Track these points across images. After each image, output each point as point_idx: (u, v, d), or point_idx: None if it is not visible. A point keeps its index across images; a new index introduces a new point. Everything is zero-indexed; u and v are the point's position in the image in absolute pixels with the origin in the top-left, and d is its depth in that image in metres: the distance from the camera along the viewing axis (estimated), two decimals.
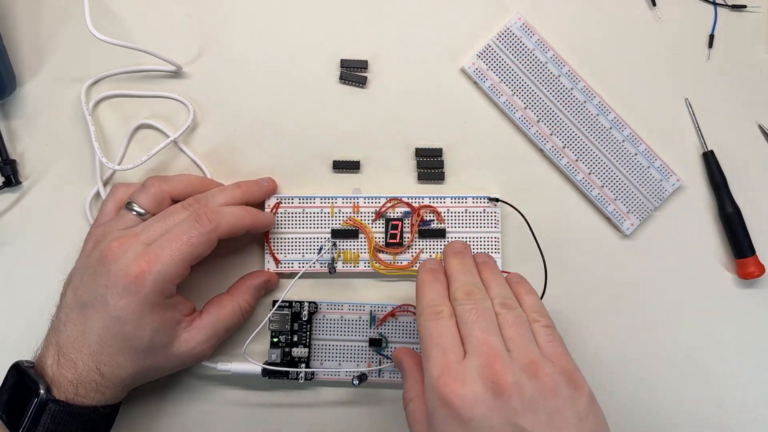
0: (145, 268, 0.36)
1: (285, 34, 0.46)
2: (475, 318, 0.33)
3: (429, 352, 0.33)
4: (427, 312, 0.35)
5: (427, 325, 0.34)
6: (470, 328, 0.33)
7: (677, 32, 0.46)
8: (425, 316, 0.34)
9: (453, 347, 0.33)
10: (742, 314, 0.46)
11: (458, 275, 0.37)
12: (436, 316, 0.34)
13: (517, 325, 0.34)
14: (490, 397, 0.30)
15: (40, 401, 0.36)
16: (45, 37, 0.46)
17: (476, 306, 0.34)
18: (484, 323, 0.33)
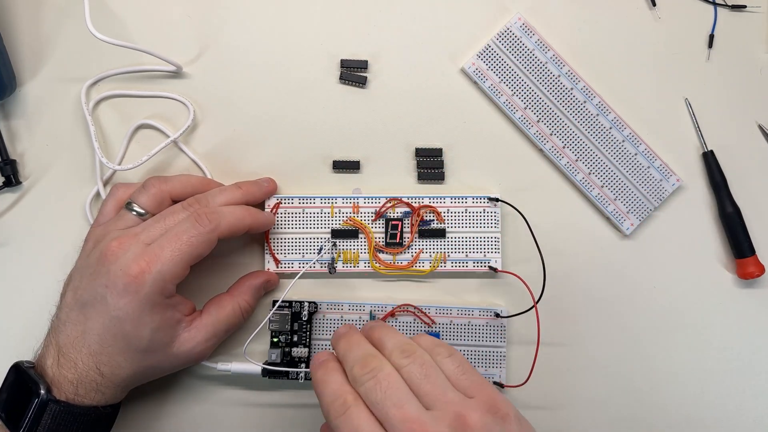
0: (144, 268, 0.36)
1: (285, 34, 0.46)
2: (383, 394, 0.31)
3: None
4: (332, 408, 0.32)
5: (339, 425, 0.31)
6: (383, 408, 0.31)
7: (677, 32, 0.46)
8: (332, 413, 0.32)
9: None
10: (742, 314, 0.46)
11: (348, 354, 0.35)
12: (343, 409, 0.32)
13: (426, 376, 0.32)
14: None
15: (40, 401, 0.36)
16: (45, 37, 0.46)
17: (377, 378, 0.32)
18: (395, 396, 0.31)
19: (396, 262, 0.45)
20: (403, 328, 0.44)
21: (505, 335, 0.44)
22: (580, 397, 0.45)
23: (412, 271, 0.45)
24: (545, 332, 0.44)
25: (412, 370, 0.32)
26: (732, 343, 0.46)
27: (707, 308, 0.46)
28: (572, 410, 0.45)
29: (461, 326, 0.44)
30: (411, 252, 0.45)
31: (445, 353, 0.34)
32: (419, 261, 0.44)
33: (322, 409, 0.33)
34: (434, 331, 0.44)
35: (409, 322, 0.44)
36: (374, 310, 0.44)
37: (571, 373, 0.45)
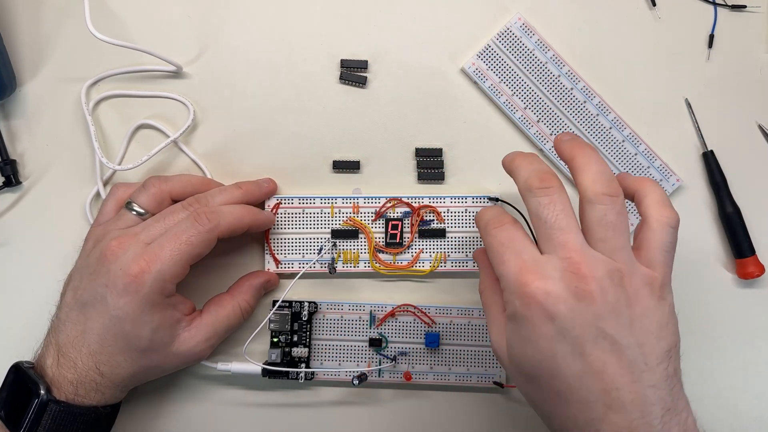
0: (144, 268, 0.36)
1: (285, 34, 0.46)
2: (552, 215, 0.31)
3: (501, 257, 0.31)
4: (491, 224, 0.33)
5: (494, 234, 0.32)
6: (548, 229, 0.31)
7: (677, 32, 0.46)
8: (488, 228, 0.33)
9: (526, 248, 0.31)
10: (742, 314, 0.46)
11: (524, 164, 0.33)
12: (500, 224, 0.32)
13: (614, 227, 0.31)
14: (572, 299, 0.30)
15: (40, 402, 0.36)
16: (45, 37, 0.46)
17: (552, 198, 0.31)
18: (564, 222, 0.31)
19: (396, 262, 0.45)
20: (403, 328, 0.44)
21: None
22: None
23: (412, 271, 0.45)
24: None
25: (596, 216, 0.31)
26: (732, 343, 0.46)
27: (707, 308, 0.46)
28: None
29: (461, 326, 0.44)
30: (411, 252, 0.45)
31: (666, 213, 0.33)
32: (419, 261, 0.44)
33: (478, 227, 0.34)
34: (434, 331, 0.44)
35: (409, 322, 0.44)
36: (374, 310, 0.44)
37: None
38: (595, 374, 0.30)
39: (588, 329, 0.30)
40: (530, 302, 0.30)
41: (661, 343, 0.31)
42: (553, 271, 0.30)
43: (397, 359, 0.44)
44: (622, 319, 0.30)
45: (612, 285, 0.30)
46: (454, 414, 0.45)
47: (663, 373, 0.31)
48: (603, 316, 0.30)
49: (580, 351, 0.30)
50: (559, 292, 0.30)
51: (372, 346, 0.44)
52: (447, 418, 0.45)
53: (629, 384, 0.30)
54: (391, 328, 0.44)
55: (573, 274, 0.30)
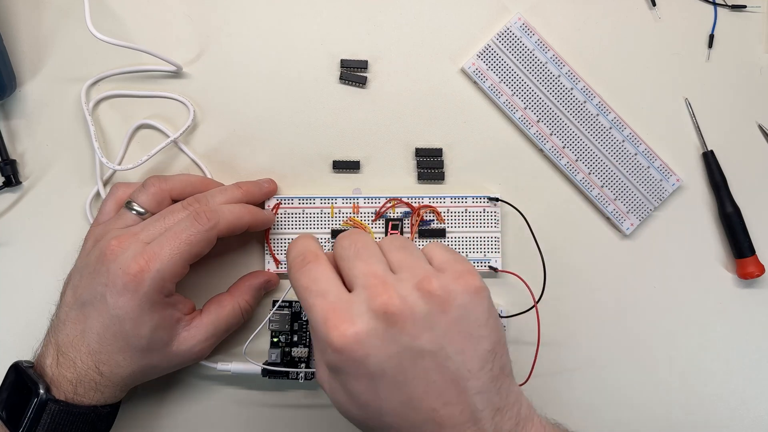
0: (144, 267, 0.36)
1: (285, 34, 0.46)
2: (354, 252, 0.31)
3: (306, 301, 0.30)
4: (295, 263, 0.31)
5: (297, 276, 0.31)
6: (350, 263, 0.30)
7: (677, 32, 0.46)
8: (293, 266, 0.31)
9: (331, 288, 0.30)
10: (742, 314, 0.46)
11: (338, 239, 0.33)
12: (302, 263, 0.31)
13: (402, 248, 0.31)
14: (383, 329, 0.28)
15: (39, 401, 0.36)
16: (45, 37, 0.46)
17: (353, 239, 0.31)
18: (365, 253, 0.31)
19: None
20: None
21: (506, 335, 0.44)
22: (580, 397, 0.45)
23: None
24: (545, 332, 0.43)
25: (392, 244, 0.32)
26: (732, 343, 0.46)
27: (707, 308, 0.46)
28: (572, 410, 0.45)
29: None
30: None
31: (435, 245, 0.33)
32: None
33: (287, 269, 0.33)
34: None
35: None
36: None
37: (570, 373, 0.45)
38: (421, 398, 0.29)
39: (405, 355, 0.28)
40: (342, 351, 0.28)
41: (482, 344, 0.30)
42: (360, 305, 0.29)
43: None
44: (438, 330, 0.29)
45: (420, 297, 0.29)
46: None
47: (488, 375, 0.29)
48: (417, 334, 0.28)
49: (402, 380, 0.29)
50: (369, 328, 0.28)
51: None
52: None
53: (456, 396, 0.29)
54: None
55: (377, 298, 0.28)
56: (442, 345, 0.29)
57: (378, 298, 0.28)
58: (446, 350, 0.29)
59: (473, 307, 0.30)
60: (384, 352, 0.28)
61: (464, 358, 0.29)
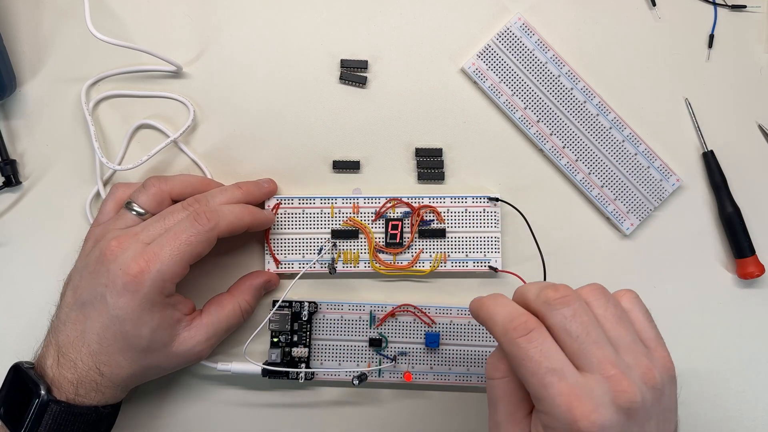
0: (144, 267, 0.36)
1: (285, 34, 0.46)
2: (582, 329, 0.30)
3: (541, 379, 0.29)
4: (512, 327, 0.30)
5: (522, 345, 0.29)
6: (581, 344, 0.29)
7: (677, 32, 0.46)
8: (511, 333, 0.30)
9: (566, 367, 0.29)
10: (742, 314, 0.46)
11: (528, 287, 0.32)
12: (525, 329, 0.30)
13: (618, 320, 0.31)
14: (623, 422, 0.28)
15: (41, 402, 0.36)
16: (45, 37, 0.46)
17: (573, 308, 0.30)
18: (595, 334, 0.30)
19: (396, 262, 0.45)
20: (403, 328, 0.44)
21: None
22: None
23: (412, 271, 0.45)
24: None
25: (607, 311, 0.31)
26: (732, 343, 0.46)
27: (707, 308, 0.46)
28: None
29: (461, 326, 0.44)
30: (411, 252, 0.45)
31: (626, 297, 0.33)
32: (419, 261, 0.44)
33: (494, 330, 0.31)
34: (434, 331, 0.44)
35: (409, 322, 0.44)
36: (374, 310, 0.44)
37: None
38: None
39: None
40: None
41: (671, 425, 0.31)
42: (603, 395, 0.28)
43: (397, 359, 0.44)
44: (653, 420, 0.30)
45: (648, 389, 0.29)
46: (454, 414, 0.45)
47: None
48: (641, 424, 0.29)
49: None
50: (612, 419, 0.28)
51: (372, 346, 0.44)
52: (447, 418, 0.45)
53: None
54: (391, 328, 0.44)
55: (620, 393, 0.28)
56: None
57: (624, 395, 0.28)
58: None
59: (672, 395, 0.31)
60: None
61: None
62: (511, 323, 0.30)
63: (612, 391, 0.29)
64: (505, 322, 0.31)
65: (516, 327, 0.30)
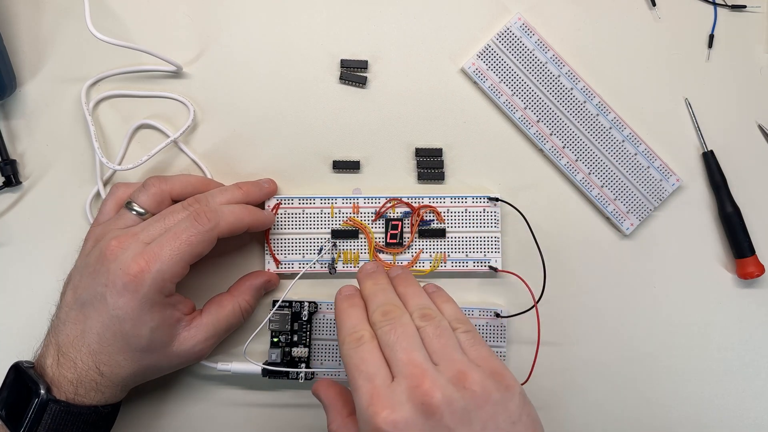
0: (144, 267, 0.36)
1: (285, 34, 0.46)
2: (395, 339, 0.33)
3: (356, 381, 0.32)
4: (348, 340, 0.34)
5: (350, 354, 0.33)
6: (393, 350, 0.32)
7: (677, 32, 0.46)
8: (347, 344, 0.34)
9: (378, 372, 0.32)
10: (742, 314, 0.46)
11: (373, 297, 0.36)
12: (357, 343, 0.33)
13: (439, 336, 0.33)
14: (421, 419, 0.30)
15: (40, 401, 0.36)
16: (45, 37, 0.46)
17: (395, 325, 0.33)
18: (405, 342, 0.33)
19: (396, 262, 0.45)
20: None
21: (506, 335, 0.44)
22: (580, 396, 0.45)
23: (413, 271, 0.45)
24: (545, 332, 0.43)
25: (427, 330, 0.34)
26: (732, 343, 0.46)
27: (707, 308, 0.46)
28: (572, 410, 0.45)
29: None
30: (411, 252, 0.45)
31: (463, 328, 0.35)
32: (419, 261, 0.44)
33: (338, 337, 0.35)
34: None
35: None
36: None
37: (571, 373, 0.45)
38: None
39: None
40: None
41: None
42: (401, 394, 0.30)
43: None
44: (475, 426, 0.30)
45: (456, 390, 0.30)
46: None
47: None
48: (454, 427, 0.30)
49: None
50: (408, 417, 0.30)
51: None
52: None
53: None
54: None
55: (417, 389, 0.30)
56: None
57: (418, 390, 0.30)
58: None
59: (507, 403, 0.31)
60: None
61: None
62: (350, 335, 0.34)
63: (409, 389, 0.30)
64: (346, 332, 0.34)
65: (352, 339, 0.34)
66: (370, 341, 0.33)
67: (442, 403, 0.30)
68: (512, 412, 0.31)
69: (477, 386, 0.31)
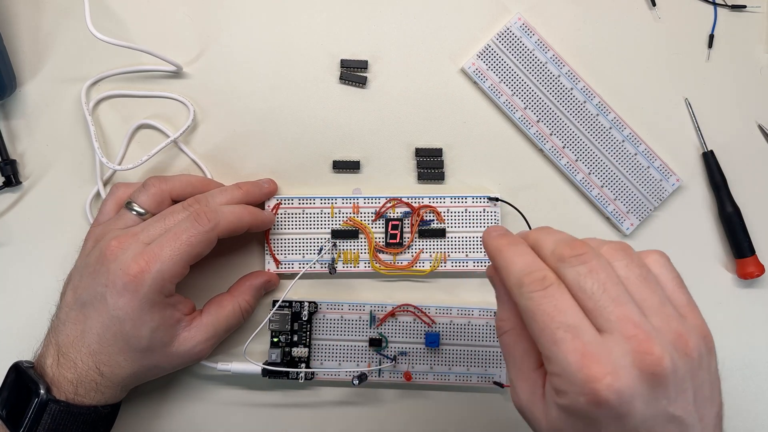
0: (144, 267, 0.36)
1: (285, 34, 0.46)
2: (599, 285, 0.27)
3: (552, 334, 0.26)
4: (528, 281, 0.27)
5: (536, 299, 0.27)
6: (598, 301, 0.26)
7: (677, 32, 0.46)
8: (527, 286, 0.27)
9: (583, 324, 0.26)
10: (742, 314, 0.46)
11: (546, 236, 0.30)
12: (542, 285, 0.27)
13: (643, 280, 0.28)
14: (648, 390, 0.25)
15: (40, 401, 0.36)
16: (45, 37, 0.46)
17: (591, 265, 0.27)
18: (614, 291, 0.27)
19: (396, 262, 0.45)
20: (403, 328, 0.44)
21: None
22: None
23: (412, 271, 0.45)
24: None
25: (630, 270, 0.28)
26: (732, 343, 0.46)
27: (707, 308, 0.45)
28: None
29: (461, 326, 0.44)
30: (411, 252, 0.45)
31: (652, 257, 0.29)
32: (419, 261, 0.44)
33: (507, 280, 0.29)
34: (434, 331, 0.44)
35: (409, 322, 0.44)
36: (374, 310, 0.44)
37: None
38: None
39: (659, 419, 0.26)
40: (600, 403, 0.25)
41: (715, 408, 0.28)
42: (622, 356, 0.25)
43: (397, 359, 0.44)
44: (688, 395, 0.27)
45: (679, 357, 0.26)
46: (454, 414, 0.45)
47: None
48: (674, 398, 0.26)
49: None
50: (635, 385, 0.25)
51: (372, 346, 0.44)
52: (447, 418, 0.45)
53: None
54: (391, 328, 0.44)
55: (644, 355, 0.25)
56: (690, 411, 0.27)
57: (648, 357, 0.25)
58: (692, 416, 0.27)
59: (711, 368, 0.28)
60: (643, 414, 0.26)
61: (703, 425, 0.27)
62: (527, 276, 0.28)
63: (634, 352, 0.25)
64: (521, 274, 0.28)
65: (532, 281, 0.27)
66: (559, 285, 0.27)
67: (671, 372, 0.26)
68: (714, 378, 0.28)
69: (695, 352, 0.27)
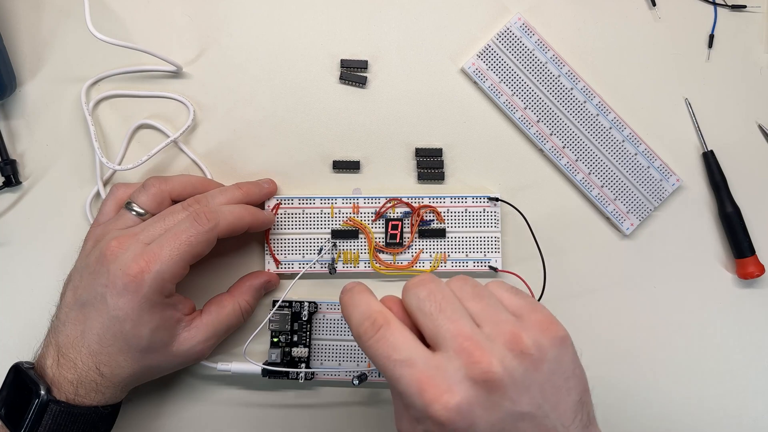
0: (144, 268, 0.36)
1: (285, 34, 0.46)
2: (435, 306, 0.29)
3: (393, 372, 0.28)
4: (362, 331, 0.30)
5: (372, 345, 0.29)
6: (435, 320, 0.29)
7: (677, 32, 0.46)
8: (363, 336, 0.30)
9: (415, 353, 0.28)
10: (742, 314, 0.46)
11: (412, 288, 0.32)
12: (373, 329, 0.30)
13: (478, 296, 0.30)
14: (485, 397, 0.27)
15: (41, 402, 0.36)
16: (45, 37, 0.46)
17: (431, 290, 0.30)
18: (450, 309, 0.29)
19: (396, 262, 0.45)
20: None
21: None
22: None
23: (413, 271, 0.45)
24: None
25: (464, 288, 0.30)
26: (732, 343, 0.46)
27: (707, 308, 0.46)
28: None
29: None
30: (411, 252, 0.45)
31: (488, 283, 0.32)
32: (419, 261, 0.44)
33: (353, 334, 0.31)
34: None
35: None
36: None
37: None
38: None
39: (507, 420, 0.27)
40: (443, 422, 0.27)
41: (572, 396, 0.29)
42: (455, 371, 0.27)
43: None
44: (534, 390, 0.28)
45: (514, 357, 0.28)
46: None
47: (579, 426, 0.29)
48: (516, 398, 0.27)
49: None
50: (470, 396, 0.27)
51: None
52: None
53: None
54: None
55: (474, 365, 0.27)
56: (539, 404, 0.28)
57: (477, 366, 0.27)
58: (543, 409, 0.28)
59: (562, 358, 0.29)
60: (487, 420, 0.27)
61: (558, 413, 0.28)
62: (361, 326, 0.30)
63: (466, 365, 0.27)
64: (356, 325, 0.31)
65: (366, 329, 0.30)
66: (388, 322, 0.29)
67: (504, 375, 0.27)
68: (566, 367, 0.29)
69: (533, 348, 0.28)
